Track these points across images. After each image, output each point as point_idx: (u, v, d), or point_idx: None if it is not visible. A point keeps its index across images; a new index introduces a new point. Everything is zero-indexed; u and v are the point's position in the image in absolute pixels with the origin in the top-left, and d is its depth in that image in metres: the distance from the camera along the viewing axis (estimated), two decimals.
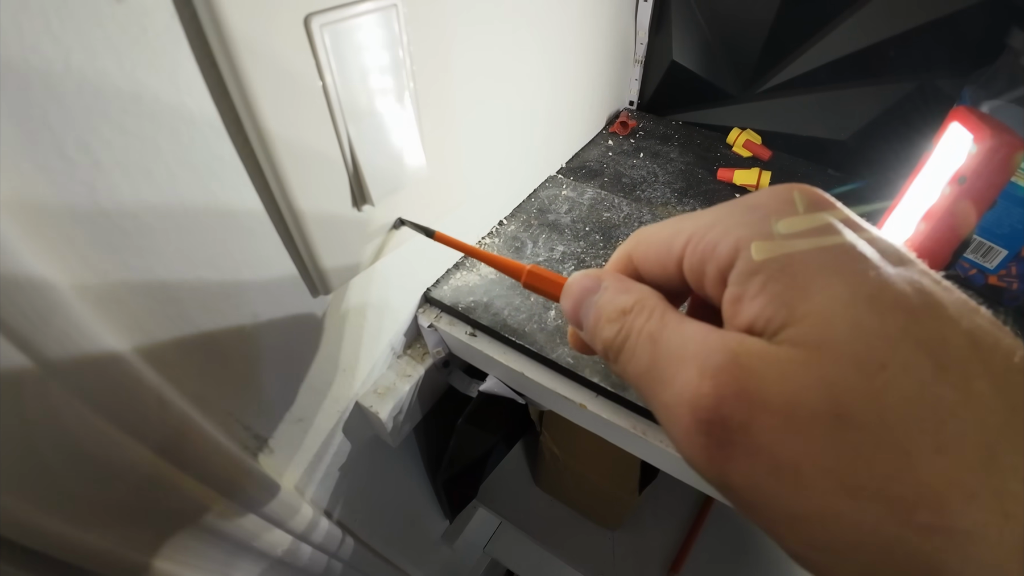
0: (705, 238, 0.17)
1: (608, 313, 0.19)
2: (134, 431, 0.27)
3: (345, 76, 0.29)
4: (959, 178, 0.36)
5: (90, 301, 0.24)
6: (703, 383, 0.15)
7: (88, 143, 0.22)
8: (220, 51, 0.24)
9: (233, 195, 0.28)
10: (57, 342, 0.22)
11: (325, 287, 0.35)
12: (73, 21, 0.20)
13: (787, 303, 0.15)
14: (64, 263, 0.23)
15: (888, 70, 0.64)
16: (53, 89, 0.20)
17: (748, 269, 0.15)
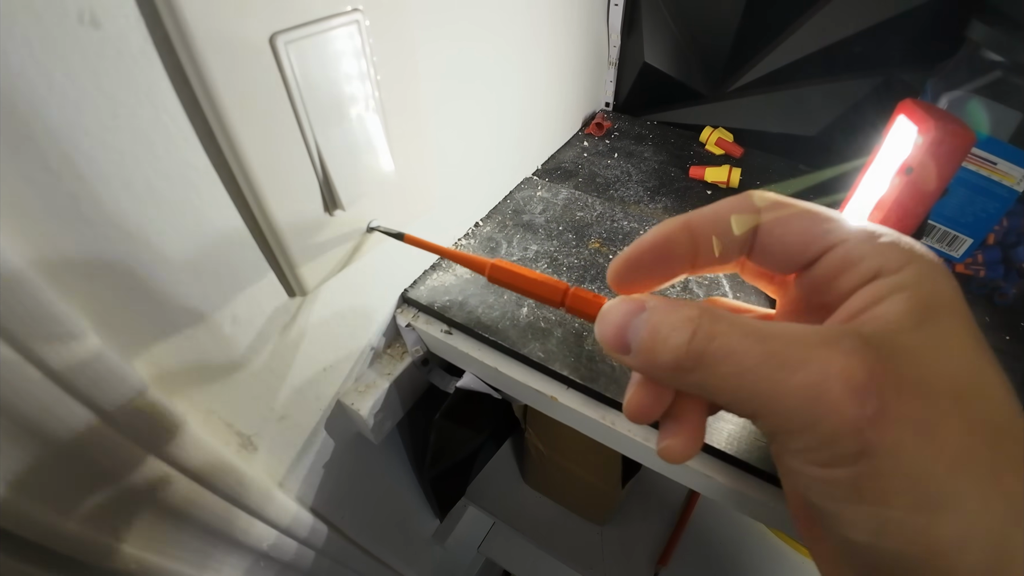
0: (857, 248, 0.20)
1: (672, 322, 0.19)
2: (118, 426, 0.28)
3: (311, 89, 0.30)
4: (906, 168, 0.38)
5: (76, 303, 0.26)
6: (851, 360, 0.17)
7: (71, 157, 0.24)
8: (191, 70, 0.26)
9: (209, 203, 0.30)
10: (45, 340, 0.24)
11: (301, 289, 0.37)
12: (55, 47, 0.22)
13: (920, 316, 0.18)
14: (51, 268, 0.24)
15: (854, 66, 0.66)
16: (37, 109, 0.22)
17: (893, 284, 0.19)
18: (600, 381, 0.42)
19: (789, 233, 0.21)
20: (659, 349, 0.19)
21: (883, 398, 0.16)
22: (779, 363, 0.17)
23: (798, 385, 0.17)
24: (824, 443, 0.17)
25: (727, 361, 0.18)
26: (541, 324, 0.46)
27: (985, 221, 0.57)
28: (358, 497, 0.59)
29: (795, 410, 0.17)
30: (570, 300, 0.25)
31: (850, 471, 0.17)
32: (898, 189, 0.40)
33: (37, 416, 0.25)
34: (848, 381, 0.16)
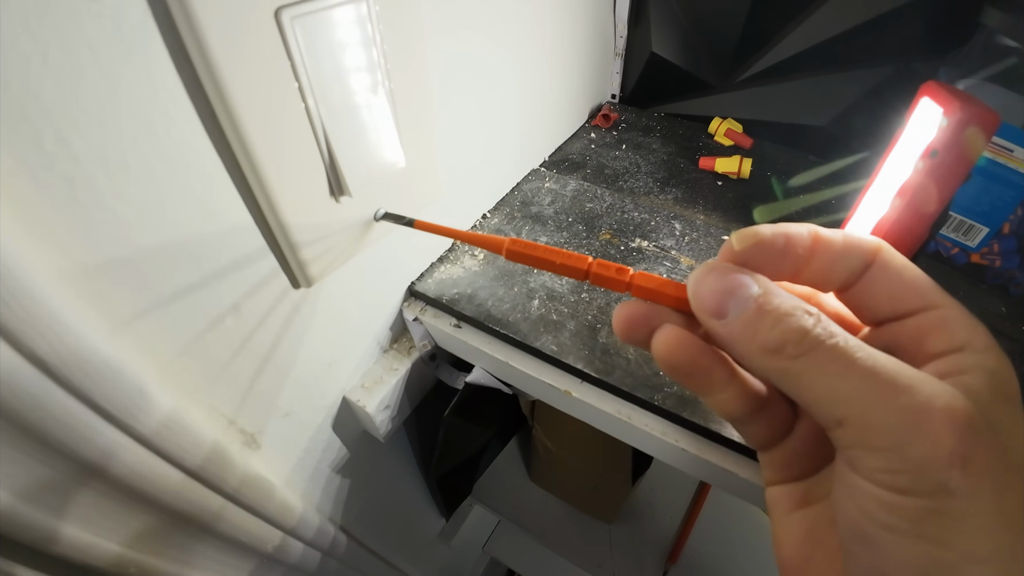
0: (959, 316, 0.20)
1: (790, 307, 0.19)
2: (117, 423, 0.27)
3: (318, 68, 0.29)
4: (931, 152, 0.37)
5: (71, 293, 0.24)
6: (956, 401, 0.17)
7: (67, 137, 0.22)
8: (193, 46, 0.24)
9: (211, 188, 0.29)
10: (39, 332, 0.22)
11: (307, 280, 0.35)
12: (50, 17, 0.20)
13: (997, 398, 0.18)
14: (45, 255, 0.23)
15: (865, 55, 0.65)
16: (31, 84, 0.21)
17: (978, 361, 0.19)
18: (616, 374, 0.41)
19: (898, 279, 0.21)
20: (765, 324, 0.20)
21: (978, 446, 0.17)
22: (888, 380, 0.18)
23: (902, 405, 0.17)
24: (910, 467, 0.17)
25: (837, 361, 0.18)
26: (553, 316, 0.45)
27: (1001, 210, 0.56)
28: (364, 497, 0.58)
29: (891, 427, 0.17)
30: (595, 269, 0.25)
31: (923, 504, 0.17)
32: (922, 173, 0.38)
33: (30, 413, 0.24)
34: (952, 418, 0.17)
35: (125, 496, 0.30)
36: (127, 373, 0.27)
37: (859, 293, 0.22)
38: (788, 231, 0.22)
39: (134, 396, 0.27)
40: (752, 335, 0.20)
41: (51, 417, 0.24)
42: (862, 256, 0.22)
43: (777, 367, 0.19)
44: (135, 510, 0.32)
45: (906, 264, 0.21)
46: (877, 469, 0.18)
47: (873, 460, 0.18)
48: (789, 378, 0.19)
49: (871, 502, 0.18)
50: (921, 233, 0.40)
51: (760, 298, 0.20)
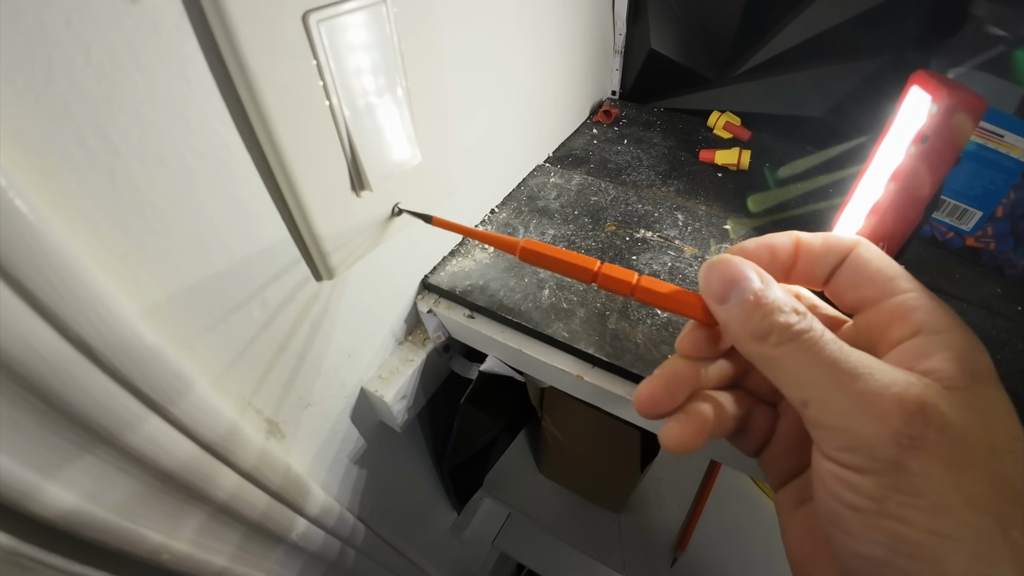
0: (918, 300, 0.22)
1: (785, 302, 0.22)
2: (157, 408, 0.28)
3: (341, 68, 0.31)
4: (922, 137, 0.38)
5: (112, 282, 0.25)
6: (911, 388, 0.19)
7: (107, 132, 0.24)
8: (226, 47, 0.26)
9: (240, 182, 0.30)
10: (86, 319, 0.24)
11: (329, 272, 0.37)
12: (92, 19, 0.22)
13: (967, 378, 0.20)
14: (87, 245, 0.24)
15: (859, 46, 0.66)
16: (74, 82, 0.22)
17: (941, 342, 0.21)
18: (626, 358, 0.42)
19: (864, 271, 0.24)
20: (757, 315, 0.22)
21: (926, 429, 0.18)
22: (849, 368, 0.20)
23: (857, 390, 0.19)
24: (861, 445, 0.19)
25: (808, 351, 0.20)
26: (564, 305, 0.46)
27: (993, 193, 0.57)
28: (379, 488, 0.59)
29: (845, 409, 0.19)
30: (602, 277, 0.27)
31: (880, 480, 0.19)
32: (914, 158, 0.40)
33: (75, 396, 0.25)
34: (902, 402, 0.19)
35: (172, 488, 0.32)
36: (169, 362, 0.28)
37: (834, 287, 0.25)
38: (771, 242, 0.25)
39: (173, 381, 0.29)
40: (745, 322, 0.22)
41: (100, 405, 0.26)
42: (840, 253, 0.24)
43: (760, 352, 0.22)
44: (163, 496, 0.33)
45: (874, 257, 0.24)
46: (836, 447, 0.20)
47: (833, 438, 0.20)
48: (768, 362, 0.22)
49: (836, 483, 0.20)
50: (915, 217, 0.42)
51: (759, 291, 0.22)
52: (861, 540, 0.19)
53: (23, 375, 0.23)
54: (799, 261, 0.25)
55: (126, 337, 0.26)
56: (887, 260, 0.24)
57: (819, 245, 0.25)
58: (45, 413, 0.25)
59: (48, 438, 0.25)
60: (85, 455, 0.27)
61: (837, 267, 0.25)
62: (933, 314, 0.21)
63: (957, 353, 0.20)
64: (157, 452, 0.30)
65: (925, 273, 0.56)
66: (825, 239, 0.25)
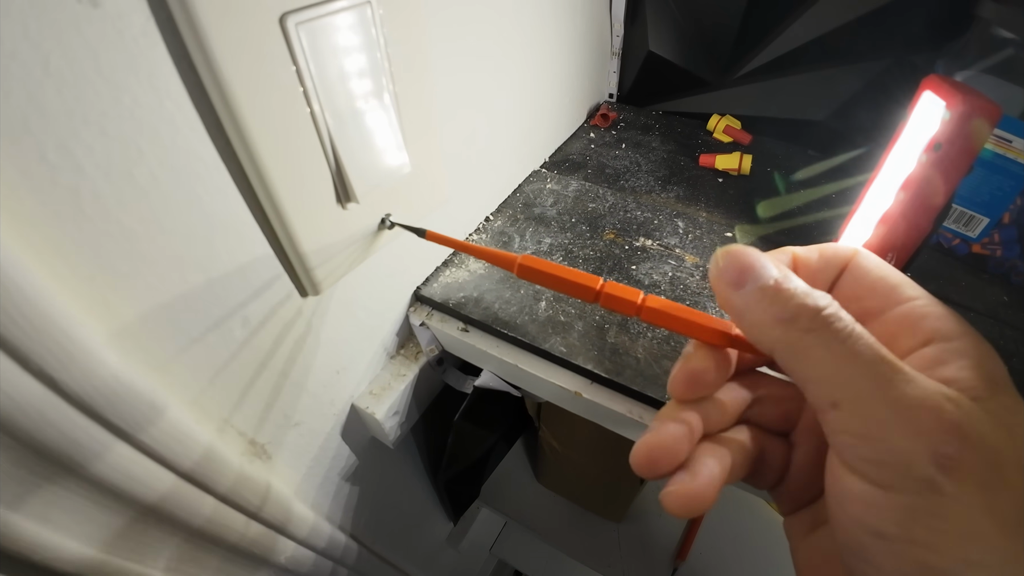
0: (926, 308, 0.21)
1: (803, 289, 0.20)
2: (126, 437, 0.27)
3: (323, 74, 0.29)
4: (935, 145, 0.37)
5: (78, 306, 0.24)
6: (947, 403, 0.17)
7: (69, 147, 0.22)
8: (197, 53, 0.24)
9: (217, 197, 0.28)
10: (46, 348, 0.22)
11: (314, 288, 0.35)
12: (51, 26, 0.20)
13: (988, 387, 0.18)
14: (51, 268, 0.23)
15: (862, 49, 0.65)
16: (33, 94, 0.20)
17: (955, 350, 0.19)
18: (626, 374, 0.40)
19: (865, 280, 0.22)
20: (785, 296, 0.20)
21: (964, 447, 0.17)
22: (888, 372, 0.18)
23: (896, 397, 0.17)
24: (895, 459, 0.17)
25: (844, 343, 0.18)
26: (561, 318, 0.44)
27: (1001, 200, 0.56)
28: (373, 504, 0.57)
29: (881, 417, 0.18)
30: (604, 297, 0.25)
31: (910, 500, 0.17)
32: (926, 166, 0.38)
33: (38, 430, 0.23)
34: (940, 418, 0.17)
35: (151, 517, 0.30)
36: (139, 388, 0.26)
37: (836, 298, 0.23)
38: (775, 252, 0.23)
39: (143, 410, 0.27)
40: (768, 306, 0.20)
41: (66, 437, 0.24)
42: (837, 265, 0.23)
43: (786, 338, 0.20)
44: (144, 527, 0.31)
45: (874, 266, 0.22)
46: (863, 459, 0.18)
47: (862, 448, 0.18)
48: (795, 352, 0.20)
49: (859, 505, 0.18)
50: (926, 226, 0.40)
51: (781, 277, 0.20)
52: (884, 571, 0.18)
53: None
54: (797, 271, 0.23)
55: (90, 366, 0.24)
56: (888, 268, 0.22)
57: (815, 259, 0.23)
58: (10, 447, 0.23)
59: (12, 471, 0.24)
60: (52, 487, 0.26)
61: (836, 279, 0.23)
62: (943, 321, 0.20)
63: (974, 360, 0.19)
64: (127, 481, 0.28)
65: (931, 280, 0.55)
66: (821, 251, 0.24)
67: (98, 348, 0.24)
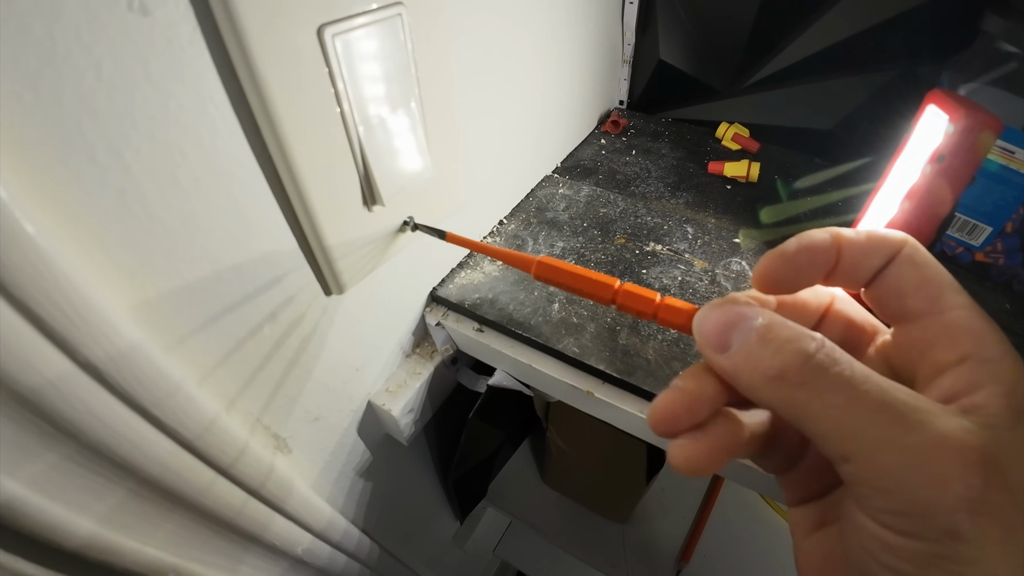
0: (969, 320, 0.19)
1: (792, 334, 0.19)
2: (162, 427, 0.28)
3: (356, 82, 0.30)
4: (938, 157, 0.38)
5: (121, 301, 0.25)
6: (970, 439, 0.16)
7: (119, 149, 0.23)
8: (240, 61, 0.26)
9: (252, 199, 0.30)
10: (92, 339, 0.23)
11: (339, 287, 0.36)
12: (103, 33, 0.21)
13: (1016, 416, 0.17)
14: (95, 264, 0.24)
15: (868, 60, 0.66)
16: (85, 97, 0.22)
17: (991, 374, 0.18)
18: (637, 375, 0.42)
19: (912, 275, 0.21)
20: (767, 352, 0.19)
21: (987, 488, 0.16)
22: (897, 416, 0.17)
23: (911, 444, 0.16)
24: (916, 511, 0.16)
25: (842, 392, 0.17)
26: (574, 319, 0.46)
27: (1004, 209, 0.57)
28: (385, 500, 0.58)
29: (897, 468, 0.17)
30: (621, 297, 0.26)
31: (930, 548, 0.16)
32: (929, 177, 0.40)
33: (82, 419, 0.25)
34: (962, 460, 0.16)
35: (164, 500, 0.31)
36: (173, 378, 0.28)
37: (876, 292, 0.22)
38: (812, 242, 0.22)
39: (180, 400, 0.28)
40: (755, 364, 0.19)
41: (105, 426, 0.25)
42: (886, 251, 0.21)
43: (781, 397, 0.19)
44: (168, 514, 0.32)
45: (924, 262, 0.21)
46: (883, 510, 0.17)
47: (879, 500, 0.17)
48: (794, 409, 0.18)
49: (876, 544, 0.18)
50: (929, 234, 0.41)
51: (762, 327, 0.19)
52: None
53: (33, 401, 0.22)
54: (842, 260, 0.22)
55: (137, 361, 0.25)
56: (937, 266, 0.21)
57: (862, 242, 0.21)
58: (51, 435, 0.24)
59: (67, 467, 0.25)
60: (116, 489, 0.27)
61: (882, 269, 0.21)
62: (984, 339, 0.19)
63: (1008, 387, 0.18)
64: (168, 475, 0.29)
65: None
66: (870, 235, 0.21)
67: (144, 342, 0.25)
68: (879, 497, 0.17)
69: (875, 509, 0.17)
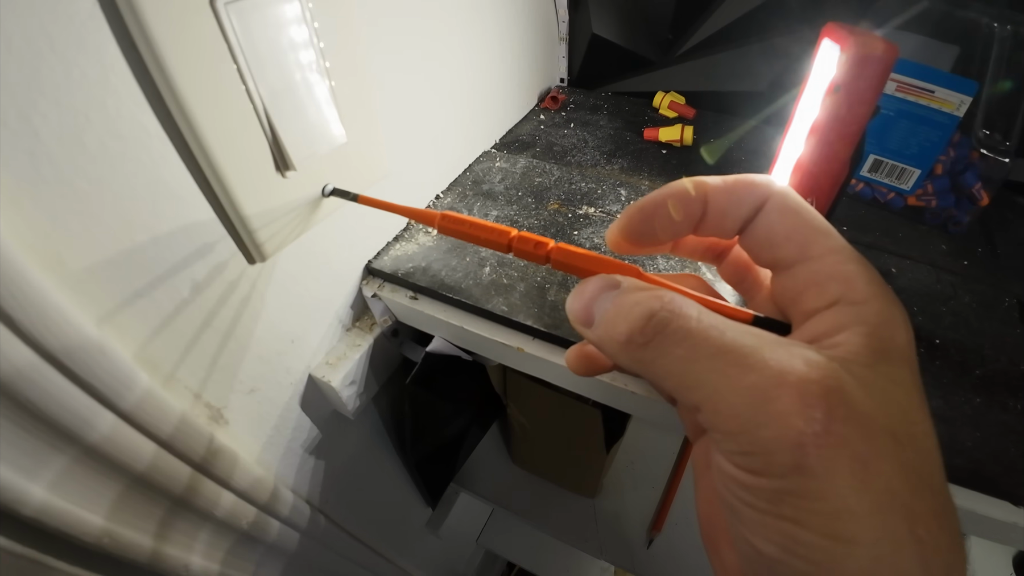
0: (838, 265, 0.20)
1: (638, 299, 0.19)
2: (93, 392, 0.29)
3: (254, 50, 0.31)
4: (834, 87, 0.39)
5: (37, 264, 0.26)
6: (811, 373, 0.17)
7: (28, 116, 0.25)
8: (138, 34, 0.27)
9: (160, 163, 0.30)
10: (11, 302, 0.24)
11: (260, 254, 0.37)
12: (13, 11, 0.23)
13: (873, 355, 0.18)
14: (12, 227, 0.25)
15: (792, 20, 0.67)
16: None
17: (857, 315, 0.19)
18: (564, 327, 0.43)
19: (780, 225, 0.21)
20: (617, 321, 0.19)
21: (831, 421, 0.16)
22: (735, 359, 0.17)
23: (748, 385, 0.17)
24: (759, 450, 0.17)
25: (682, 344, 0.18)
26: (504, 281, 0.47)
27: (929, 150, 0.58)
28: (342, 480, 0.59)
29: (738, 410, 0.17)
30: (516, 243, 0.27)
31: (777, 483, 0.17)
32: (829, 109, 0.40)
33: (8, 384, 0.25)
34: (802, 394, 0.16)
35: (101, 465, 0.32)
36: (94, 340, 0.28)
37: (747, 242, 0.22)
38: (672, 193, 0.22)
39: (104, 364, 0.29)
40: (609, 333, 0.20)
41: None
42: (753, 200, 0.21)
43: (632, 359, 0.19)
44: (111, 480, 0.33)
45: (794, 209, 0.21)
46: (733, 452, 0.18)
47: (728, 442, 0.18)
48: (645, 369, 0.19)
49: (732, 483, 0.18)
50: (839, 170, 0.42)
51: (617, 297, 0.20)
52: (756, 536, 0.18)
53: None
54: (708, 211, 0.22)
55: (50, 313, 0.26)
56: (807, 213, 0.21)
57: (727, 189, 0.21)
58: None
59: None
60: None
61: (751, 219, 0.22)
62: (853, 282, 0.19)
63: (870, 327, 0.18)
64: (102, 440, 0.30)
65: (867, 233, 0.57)
66: (735, 182, 0.22)
67: (57, 299, 0.26)
68: (727, 440, 0.18)
69: (727, 452, 0.18)
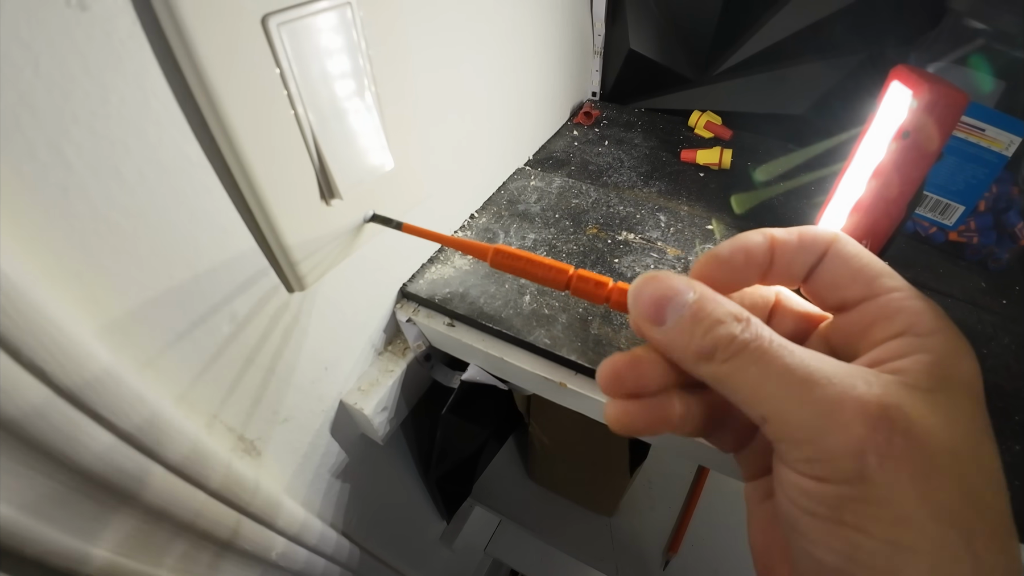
0: (904, 301, 0.21)
1: (722, 313, 0.20)
2: (117, 431, 0.27)
3: (305, 73, 0.30)
4: (903, 133, 0.38)
5: (68, 302, 0.24)
6: (872, 388, 0.18)
7: (59, 145, 0.23)
8: (182, 54, 0.25)
9: (202, 194, 0.29)
10: (37, 341, 0.22)
11: (300, 283, 0.36)
12: (42, 28, 0.21)
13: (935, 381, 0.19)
14: (41, 265, 0.23)
15: (838, 43, 0.66)
16: (24, 94, 0.21)
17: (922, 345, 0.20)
18: None
19: (844, 269, 0.22)
20: (699, 331, 0.20)
21: (892, 434, 0.17)
22: (804, 377, 0.19)
23: (816, 399, 0.18)
24: (824, 456, 0.18)
25: (758, 363, 0.19)
26: (545, 311, 0.45)
27: (975, 188, 0.57)
28: (364, 501, 0.58)
29: (805, 421, 0.18)
30: (575, 281, 0.26)
31: (840, 490, 0.18)
32: (896, 154, 0.39)
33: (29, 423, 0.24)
34: (864, 407, 0.18)
35: (124, 508, 0.31)
36: (128, 382, 0.27)
37: (813, 286, 0.24)
38: (746, 244, 0.23)
39: (133, 403, 0.27)
40: (688, 341, 0.21)
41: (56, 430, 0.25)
42: (817, 249, 0.23)
43: (709, 372, 0.20)
44: (133, 521, 0.32)
45: (856, 253, 0.22)
46: (798, 459, 0.19)
47: (794, 451, 0.19)
48: (720, 381, 0.20)
49: (795, 490, 0.19)
50: (898, 213, 0.41)
51: (695, 304, 0.21)
52: (817, 545, 0.19)
53: None
54: (776, 260, 0.24)
55: (81, 359, 0.24)
56: (869, 257, 0.22)
57: (794, 242, 0.23)
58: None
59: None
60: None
61: (816, 265, 0.23)
62: (920, 316, 0.20)
63: (934, 357, 0.19)
64: (119, 475, 0.28)
65: (908, 269, 0.56)
66: (801, 235, 0.23)
67: (88, 342, 0.25)
68: (794, 448, 0.19)
69: (792, 460, 0.19)
